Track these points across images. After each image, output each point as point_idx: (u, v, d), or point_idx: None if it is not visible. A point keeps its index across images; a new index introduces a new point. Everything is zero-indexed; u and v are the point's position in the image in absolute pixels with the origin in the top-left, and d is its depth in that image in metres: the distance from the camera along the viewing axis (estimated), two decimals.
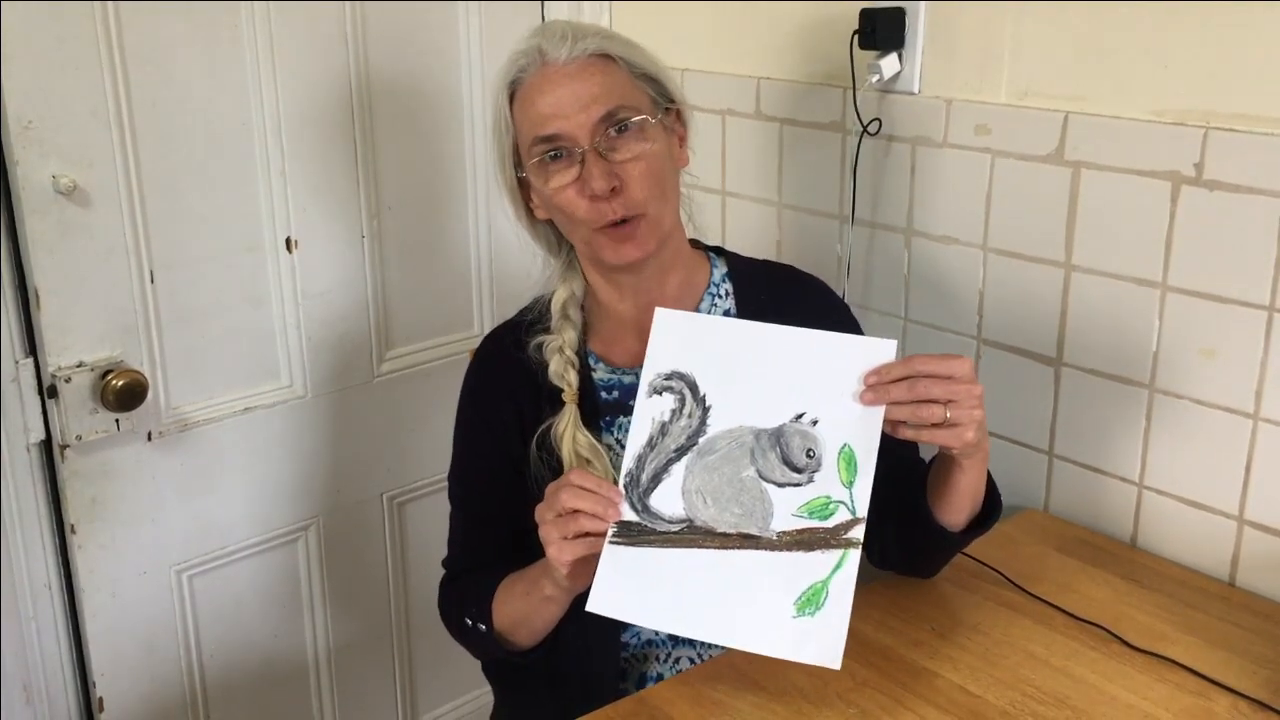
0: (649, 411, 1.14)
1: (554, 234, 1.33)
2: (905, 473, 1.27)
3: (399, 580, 2.01)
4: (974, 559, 1.39)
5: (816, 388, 1.12)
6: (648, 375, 1.15)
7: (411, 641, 2.06)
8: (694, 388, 1.14)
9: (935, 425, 1.09)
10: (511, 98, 1.24)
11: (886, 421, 1.10)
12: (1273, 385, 1.32)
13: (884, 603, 1.32)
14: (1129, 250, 1.41)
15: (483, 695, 2.10)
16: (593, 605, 1.11)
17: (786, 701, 1.16)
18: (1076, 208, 1.46)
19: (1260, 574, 1.37)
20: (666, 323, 1.16)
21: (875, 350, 1.11)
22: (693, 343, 1.15)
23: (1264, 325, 1.31)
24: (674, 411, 1.14)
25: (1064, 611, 1.31)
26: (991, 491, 1.24)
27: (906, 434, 1.11)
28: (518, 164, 1.27)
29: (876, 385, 1.10)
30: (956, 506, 1.20)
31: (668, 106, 1.28)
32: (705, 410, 1.14)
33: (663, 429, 1.14)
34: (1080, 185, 1.45)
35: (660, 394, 1.15)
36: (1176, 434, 1.42)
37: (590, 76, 1.20)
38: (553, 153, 1.21)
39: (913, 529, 1.26)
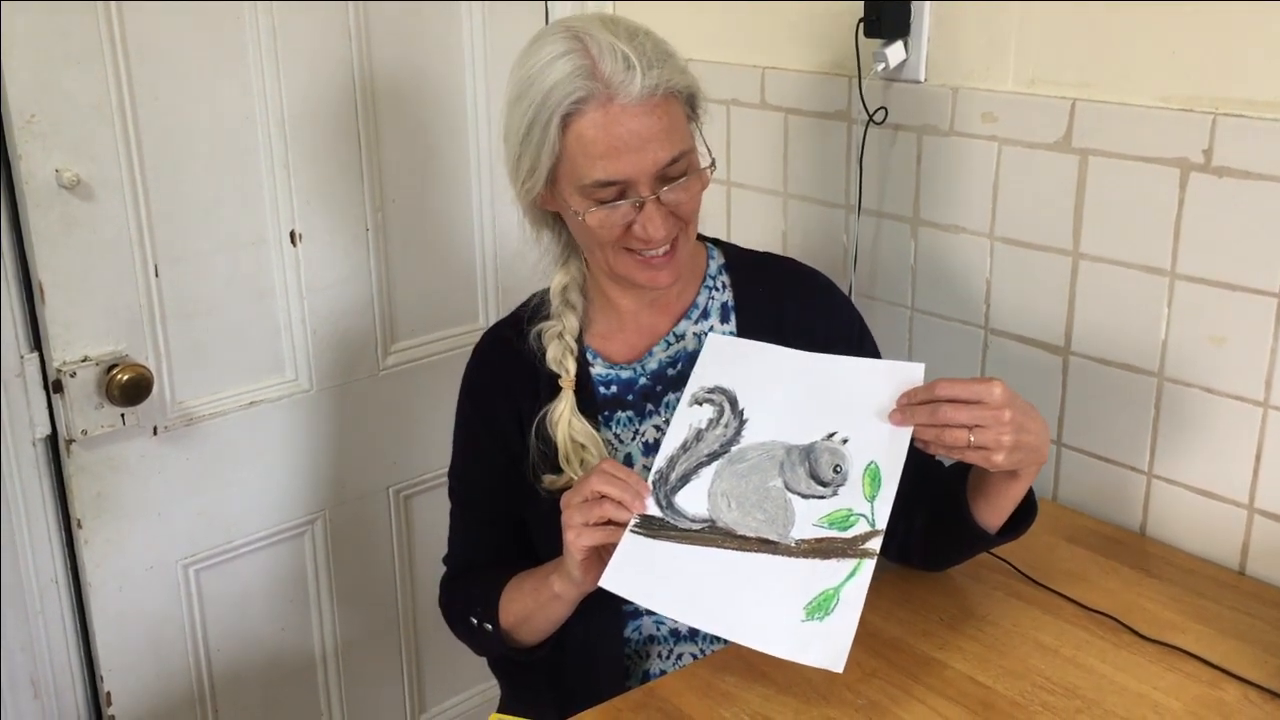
0: (688, 419, 1.19)
1: (555, 217, 1.29)
2: (930, 470, 1.27)
3: (406, 573, 2.01)
4: None
5: (848, 409, 1.16)
6: (692, 388, 1.21)
7: (419, 634, 2.06)
8: (734, 402, 1.19)
9: (961, 448, 1.10)
10: (564, 124, 1.13)
11: (916, 440, 1.13)
12: None
13: (893, 593, 1.31)
14: (1137, 238, 1.40)
15: (490, 689, 2.10)
16: (604, 581, 1.12)
17: (795, 692, 1.15)
18: (1084, 196, 1.45)
19: (1270, 563, 1.36)
20: (717, 346, 1.23)
21: (904, 374, 1.16)
22: (738, 363, 1.21)
23: (1273, 312, 1.30)
24: (711, 420, 1.19)
25: (1073, 601, 1.30)
26: (1028, 495, 1.23)
27: (936, 452, 1.14)
28: (551, 180, 1.19)
29: (904, 408, 1.13)
30: (999, 509, 1.21)
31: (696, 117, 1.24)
32: (742, 423, 1.18)
33: (698, 435, 1.18)
34: (1088, 173, 1.44)
35: (701, 404, 1.20)
36: (1186, 422, 1.41)
37: (657, 120, 1.13)
38: (612, 196, 1.16)
39: (944, 525, 1.27)
